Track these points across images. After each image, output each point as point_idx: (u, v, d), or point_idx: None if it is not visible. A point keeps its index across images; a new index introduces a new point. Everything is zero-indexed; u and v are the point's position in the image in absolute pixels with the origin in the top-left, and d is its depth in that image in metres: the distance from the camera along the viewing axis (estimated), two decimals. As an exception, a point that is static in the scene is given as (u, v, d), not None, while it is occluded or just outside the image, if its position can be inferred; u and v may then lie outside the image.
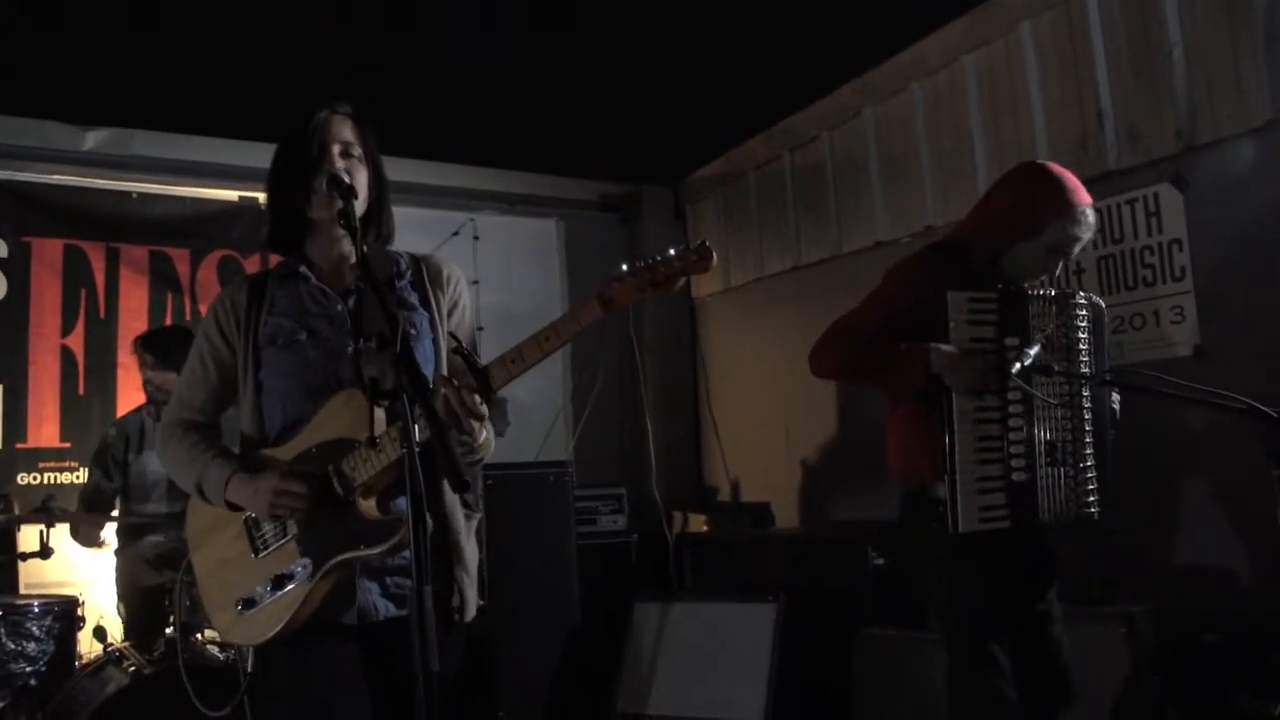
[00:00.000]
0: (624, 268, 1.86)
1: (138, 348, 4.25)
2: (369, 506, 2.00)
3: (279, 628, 2.01)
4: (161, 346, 4.11)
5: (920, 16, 4.59)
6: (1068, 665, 2.77)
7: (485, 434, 2.00)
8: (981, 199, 2.91)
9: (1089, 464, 2.73)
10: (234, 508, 2.10)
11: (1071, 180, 2.72)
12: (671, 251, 1.85)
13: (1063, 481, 2.70)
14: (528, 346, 1.91)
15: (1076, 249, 2.77)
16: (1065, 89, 4.22)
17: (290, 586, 2.01)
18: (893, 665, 3.75)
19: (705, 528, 5.52)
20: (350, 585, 2.05)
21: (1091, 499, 2.73)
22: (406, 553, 1.99)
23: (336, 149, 2.15)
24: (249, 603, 2.06)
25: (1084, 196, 2.71)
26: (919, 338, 2.64)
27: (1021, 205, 2.73)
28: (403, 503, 1.99)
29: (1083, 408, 2.73)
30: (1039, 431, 2.67)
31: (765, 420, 5.82)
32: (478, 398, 1.90)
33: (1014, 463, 2.65)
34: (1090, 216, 2.72)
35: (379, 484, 1.99)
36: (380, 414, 1.92)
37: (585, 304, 1.88)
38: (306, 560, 2.00)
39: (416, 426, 1.69)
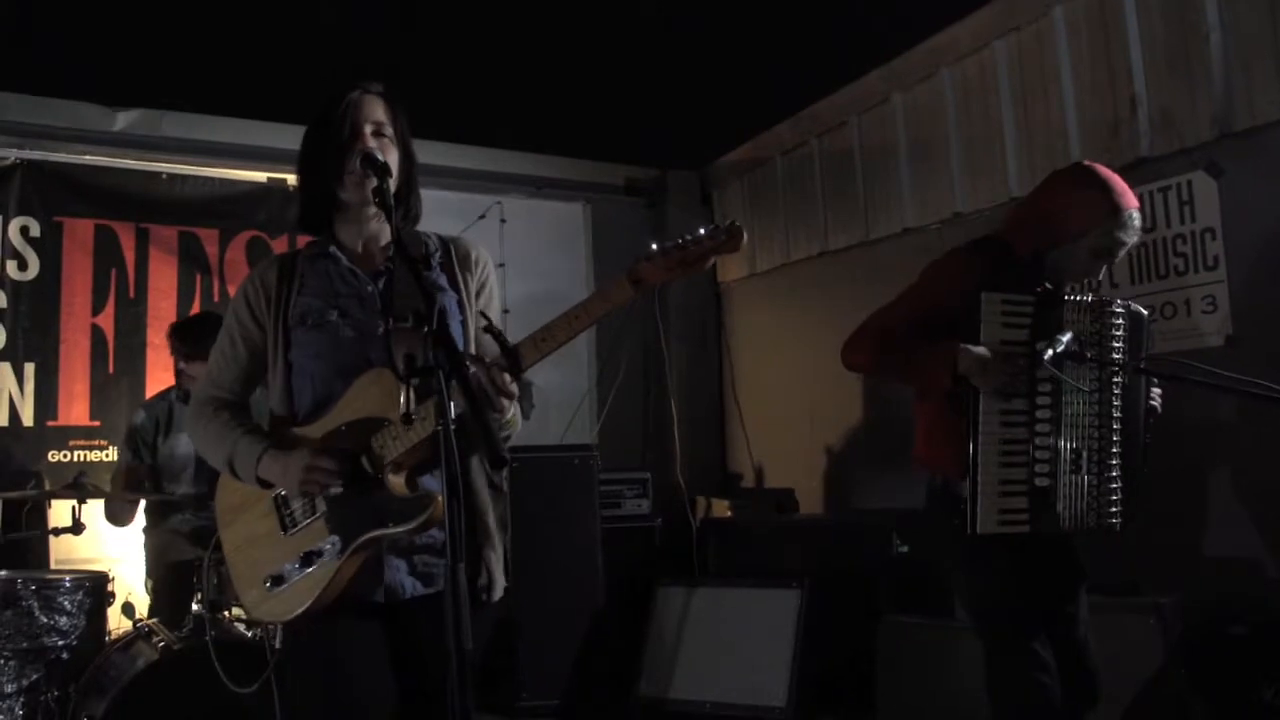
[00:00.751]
0: (654, 247, 1.85)
1: (170, 336, 4.29)
2: (398, 484, 2.00)
3: (308, 604, 2.02)
4: (192, 339, 4.13)
5: (950, 1, 4.54)
6: (1095, 669, 2.74)
7: (513, 411, 2.01)
8: (1026, 198, 2.87)
9: (1114, 473, 2.68)
10: (265, 484, 2.11)
11: (1119, 183, 2.67)
12: (702, 231, 1.84)
13: (1085, 490, 2.65)
14: (557, 325, 1.91)
15: (1121, 253, 2.72)
16: (1097, 74, 4.17)
17: (319, 563, 2.02)
18: (915, 652, 3.75)
19: (729, 513, 5.52)
20: (378, 563, 2.06)
21: (1114, 509, 2.68)
22: (435, 531, 2.01)
23: (369, 129, 2.14)
24: (278, 579, 2.07)
25: (1131, 200, 2.66)
26: (953, 335, 2.60)
27: (1067, 207, 2.68)
28: (430, 480, 2.01)
29: (1112, 415, 2.67)
30: (1065, 437, 2.63)
31: (790, 406, 5.81)
32: (508, 376, 1.91)
33: (1038, 468, 2.61)
34: (1137, 220, 2.67)
35: (408, 461, 2.00)
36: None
37: (615, 282, 1.88)
38: (335, 538, 2.01)
39: (451, 403, 1.69)
